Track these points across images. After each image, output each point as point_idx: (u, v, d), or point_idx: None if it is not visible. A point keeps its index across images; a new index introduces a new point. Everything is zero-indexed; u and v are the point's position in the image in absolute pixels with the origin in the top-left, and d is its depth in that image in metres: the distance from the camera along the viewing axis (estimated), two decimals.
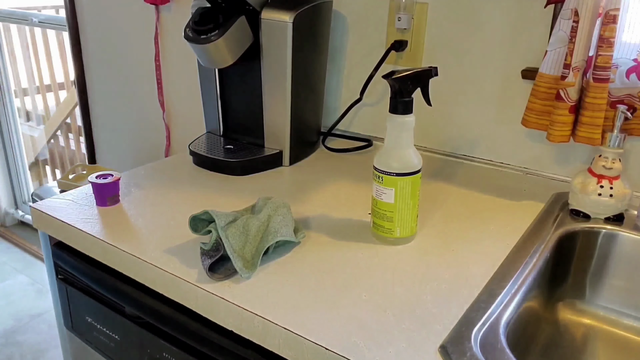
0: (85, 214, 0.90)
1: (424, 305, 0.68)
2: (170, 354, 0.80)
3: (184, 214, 0.91)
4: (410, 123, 0.78)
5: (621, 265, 0.87)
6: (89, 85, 1.95)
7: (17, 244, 2.73)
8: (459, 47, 1.12)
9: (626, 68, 0.93)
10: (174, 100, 1.69)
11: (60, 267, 0.95)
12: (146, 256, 0.78)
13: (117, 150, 1.96)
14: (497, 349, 0.60)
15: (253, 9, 1.04)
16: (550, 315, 0.89)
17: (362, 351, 0.60)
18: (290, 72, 1.07)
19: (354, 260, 0.78)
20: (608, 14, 0.86)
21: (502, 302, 0.69)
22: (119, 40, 1.76)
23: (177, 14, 1.56)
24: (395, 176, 0.78)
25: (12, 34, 2.72)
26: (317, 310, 0.67)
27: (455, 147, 1.19)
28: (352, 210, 0.94)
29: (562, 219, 0.90)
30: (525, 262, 0.78)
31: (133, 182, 1.04)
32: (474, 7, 1.08)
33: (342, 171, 1.11)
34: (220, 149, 1.15)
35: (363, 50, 1.25)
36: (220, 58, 1.05)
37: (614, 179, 0.88)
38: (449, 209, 0.95)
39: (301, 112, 1.14)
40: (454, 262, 0.78)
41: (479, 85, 1.12)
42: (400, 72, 0.77)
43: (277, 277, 0.74)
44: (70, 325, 0.98)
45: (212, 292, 0.70)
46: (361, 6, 1.22)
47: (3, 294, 2.34)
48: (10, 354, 2.00)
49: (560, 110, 0.93)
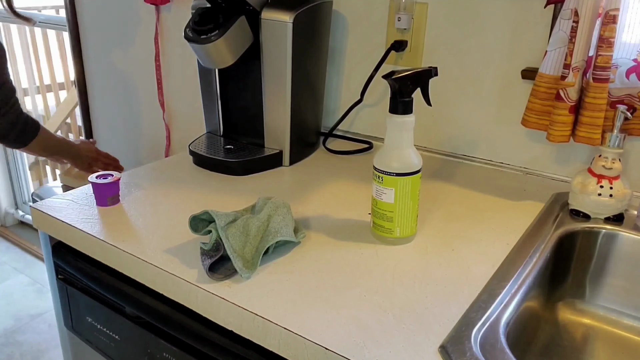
0: (85, 214, 0.90)
1: (424, 305, 0.68)
2: (170, 354, 0.80)
3: (184, 214, 0.91)
4: (410, 123, 0.78)
5: (621, 265, 0.88)
6: (89, 85, 1.95)
7: (17, 244, 2.73)
8: (459, 47, 1.12)
9: (626, 68, 0.93)
10: (174, 100, 1.69)
11: (60, 267, 0.95)
12: (146, 256, 0.78)
13: (117, 150, 1.96)
14: (497, 348, 0.60)
15: (253, 9, 1.04)
16: (550, 315, 0.89)
17: (362, 351, 0.60)
18: (290, 72, 1.07)
19: (354, 260, 0.78)
20: (608, 14, 0.86)
21: (502, 302, 0.69)
22: (119, 40, 1.76)
23: (177, 14, 1.56)
24: (395, 176, 0.79)
25: (12, 34, 2.72)
26: (317, 310, 0.67)
27: (455, 147, 1.19)
28: (352, 210, 0.94)
29: (562, 219, 0.90)
30: (525, 262, 0.78)
31: (133, 182, 1.04)
32: (474, 7, 1.08)
33: (342, 171, 1.11)
34: (220, 149, 1.15)
35: (363, 50, 1.25)
36: (220, 58, 1.05)
37: (613, 179, 0.88)
38: (449, 209, 0.95)
39: (301, 112, 1.15)
40: (454, 262, 0.78)
41: (479, 85, 1.12)
42: (400, 72, 0.77)
43: (277, 277, 0.74)
44: (70, 325, 0.98)
45: (212, 292, 0.70)
46: (361, 6, 1.22)
47: (3, 294, 2.34)
48: (10, 354, 2.00)
49: (560, 110, 0.93)
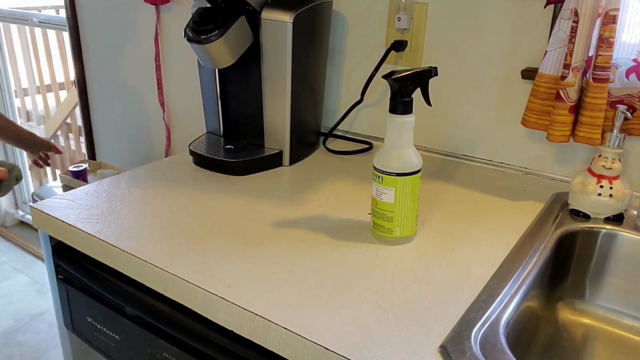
0: (85, 214, 0.90)
1: (424, 305, 0.68)
2: (170, 354, 0.80)
3: (184, 214, 0.91)
4: (410, 123, 0.78)
5: (621, 265, 0.88)
6: (89, 85, 1.95)
7: (17, 244, 2.73)
8: (459, 47, 1.12)
9: (626, 68, 0.93)
10: (174, 100, 1.69)
11: (60, 267, 0.95)
12: (146, 256, 0.78)
13: (117, 150, 1.96)
14: (497, 349, 0.60)
15: (253, 9, 1.04)
16: (550, 315, 0.89)
17: (362, 351, 0.60)
18: (290, 72, 1.07)
19: (354, 260, 0.78)
20: (608, 14, 0.86)
21: (502, 302, 0.69)
22: (119, 40, 1.76)
23: (177, 14, 1.56)
24: (395, 176, 0.79)
25: (12, 34, 2.72)
26: (317, 310, 0.67)
27: (455, 147, 1.19)
28: (352, 210, 0.94)
29: (562, 218, 0.90)
30: (525, 262, 0.78)
31: (133, 182, 1.04)
32: (473, 7, 1.08)
33: (342, 171, 1.11)
34: (220, 149, 1.15)
35: (363, 50, 1.25)
36: (220, 58, 1.05)
37: (613, 179, 0.88)
38: (449, 209, 0.95)
39: (301, 112, 1.15)
40: (454, 262, 0.78)
41: (479, 85, 1.12)
42: (400, 72, 0.77)
43: (277, 277, 0.74)
44: (70, 325, 0.98)
45: (212, 292, 0.70)
46: (361, 6, 1.22)
47: (3, 294, 2.34)
48: (10, 354, 2.00)
49: (560, 110, 0.93)
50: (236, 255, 0.79)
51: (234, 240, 0.83)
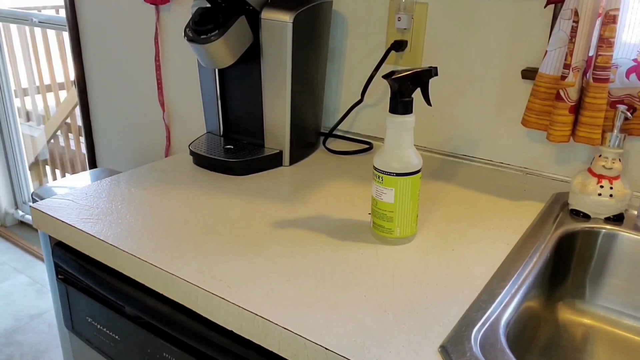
0: (85, 214, 0.90)
1: (424, 305, 0.68)
2: (170, 354, 0.80)
3: (184, 214, 0.91)
4: (410, 123, 0.78)
5: (621, 265, 0.88)
6: (89, 85, 1.95)
7: (17, 244, 2.73)
8: (459, 47, 1.12)
9: (626, 68, 0.93)
10: (174, 100, 1.69)
11: (60, 267, 0.95)
12: (146, 256, 0.78)
13: (117, 150, 1.96)
14: (497, 349, 0.60)
15: (253, 9, 1.04)
16: (550, 315, 0.89)
17: (362, 351, 0.60)
18: (290, 72, 1.07)
19: (354, 260, 0.78)
20: (608, 14, 0.86)
21: (502, 302, 0.69)
22: (119, 40, 1.76)
23: (177, 14, 1.56)
24: (395, 176, 0.79)
25: (12, 34, 2.72)
26: (317, 310, 0.67)
27: (455, 147, 1.19)
28: (352, 210, 0.94)
29: (562, 219, 0.90)
30: (525, 262, 0.78)
31: (133, 182, 1.04)
32: (473, 7, 1.08)
33: (342, 171, 1.11)
34: (220, 149, 1.15)
35: (363, 50, 1.25)
36: (220, 58, 1.05)
37: (614, 179, 0.88)
38: (449, 209, 0.95)
39: (301, 112, 1.15)
40: (454, 262, 0.78)
41: (479, 85, 1.12)
42: (400, 72, 0.77)
43: (277, 277, 0.74)
44: (70, 325, 0.98)
45: (212, 292, 0.70)
46: (361, 6, 1.22)
47: (3, 294, 2.34)
48: (10, 354, 2.00)
49: (560, 110, 0.93)
50: (236, 255, 0.79)
51: (234, 240, 0.83)
